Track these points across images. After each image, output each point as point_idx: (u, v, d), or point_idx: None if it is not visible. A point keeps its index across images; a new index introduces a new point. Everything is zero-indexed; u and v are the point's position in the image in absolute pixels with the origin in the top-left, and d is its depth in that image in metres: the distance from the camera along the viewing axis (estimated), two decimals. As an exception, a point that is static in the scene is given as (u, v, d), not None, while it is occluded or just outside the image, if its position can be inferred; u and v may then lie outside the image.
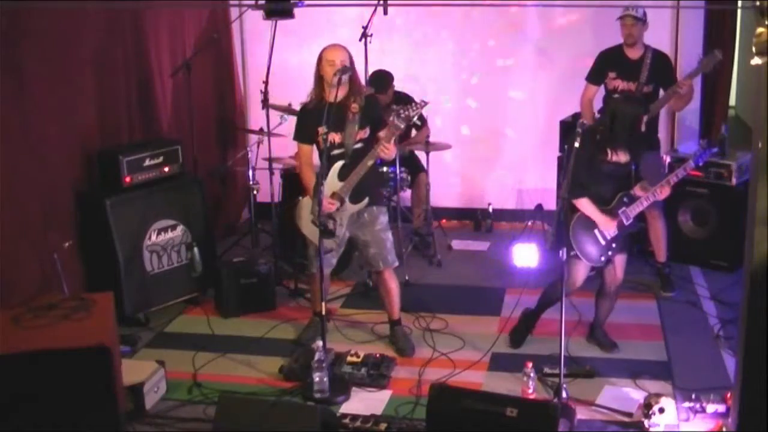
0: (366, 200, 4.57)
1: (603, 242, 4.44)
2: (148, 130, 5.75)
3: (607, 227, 4.41)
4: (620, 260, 4.55)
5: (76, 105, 4.98)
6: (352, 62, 4.52)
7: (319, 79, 4.51)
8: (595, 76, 5.53)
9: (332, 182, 4.50)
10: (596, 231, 4.44)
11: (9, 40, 4.38)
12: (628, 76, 5.36)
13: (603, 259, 4.46)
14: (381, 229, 4.65)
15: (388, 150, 4.39)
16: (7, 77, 4.37)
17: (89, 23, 5.07)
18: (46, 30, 4.66)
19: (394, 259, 4.72)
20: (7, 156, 4.33)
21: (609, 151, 4.37)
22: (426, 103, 4.45)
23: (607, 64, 5.47)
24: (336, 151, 4.51)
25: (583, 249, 4.41)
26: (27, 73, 4.54)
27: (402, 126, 4.37)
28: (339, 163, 4.51)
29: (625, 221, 4.43)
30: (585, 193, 4.36)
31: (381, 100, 5.95)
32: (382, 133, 4.43)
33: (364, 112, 4.52)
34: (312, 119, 4.52)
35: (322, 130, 4.45)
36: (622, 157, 4.41)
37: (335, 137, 4.50)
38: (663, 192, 4.45)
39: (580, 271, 4.48)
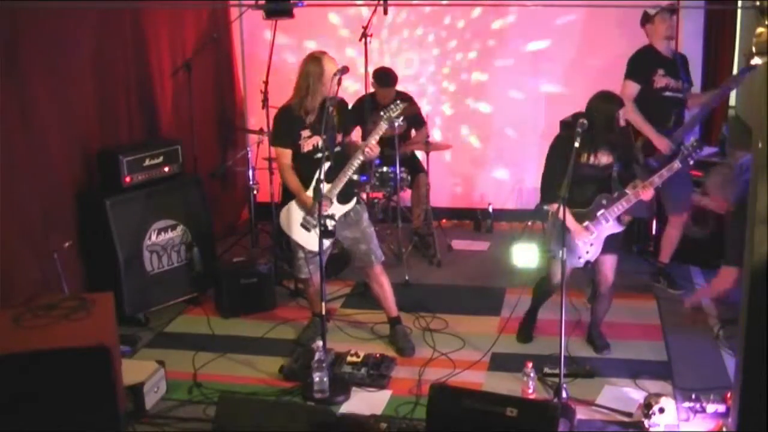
0: (354, 200, 4.62)
1: (580, 244, 4.41)
2: (148, 130, 5.76)
3: (580, 236, 4.37)
4: (609, 261, 4.51)
5: (76, 105, 4.98)
6: None
7: (312, 84, 4.45)
8: (640, 73, 5.13)
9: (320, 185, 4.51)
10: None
11: (9, 41, 4.38)
12: (673, 73, 5.16)
13: (581, 260, 4.43)
14: (367, 225, 4.71)
15: (373, 150, 4.45)
16: (7, 77, 4.37)
17: (89, 23, 5.08)
18: (46, 30, 4.66)
19: (382, 254, 4.77)
20: (7, 156, 4.33)
21: (589, 154, 4.33)
22: (406, 103, 4.55)
23: (653, 62, 5.15)
24: (319, 155, 4.49)
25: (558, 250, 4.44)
26: (27, 73, 4.54)
27: (386, 126, 4.45)
28: (325, 166, 4.49)
29: (604, 222, 4.38)
30: (558, 198, 4.14)
31: (383, 97, 5.99)
32: (371, 132, 4.48)
33: (340, 115, 4.57)
34: (295, 122, 4.53)
35: (306, 133, 4.49)
36: (603, 159, 4.38)
37: (320, 140, 4.50)
38: (646, 193, 4.32)
39: (555, 270, 4.48)
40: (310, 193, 4.53)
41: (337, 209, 4.56)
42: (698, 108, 5.30)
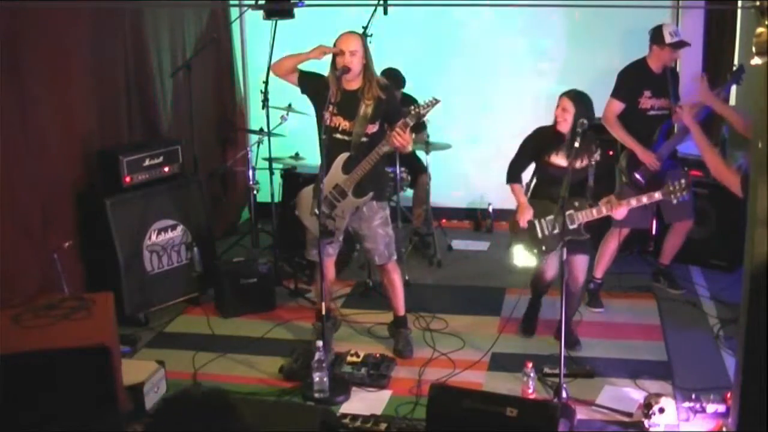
0: (370, 195, 4.53)
1: (540, 236, 4.52)
2: (148, 130, 5.75)
3: (524, 214, 4.53)
4: (580, 261, 4.55)
5: (76, 105, 4.98)
6: (366, 50, 4.45)
7: (332, 66, 4.46)
8: (627, 93, 5.16)
9: (336, 174, 4.47)
10: (537, 225, 4.54)
11: (9, 40, 4.38)
12: (660, 93, 5.16)
13: (544, 248, 4.52)
14: (379, 224, 4.61)
15: (403, 138, 4.30)
16: (7, 77, 4.37)
17: (89, 23, 5.07)
18: (46, 30, 4.66)
19: (391, 253, 4.67)
20: (7, 156, 4.33)
21: (550, 155, 4.54)
22: (437, 101, 4.40)
23: (641, 82, 5.16)
24: (339, 136, 4.45)
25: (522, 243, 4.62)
26: (27, 73, 4.54)
27: (411, 123, 4.35)
28: (344, 155, 4.46)
29: (569, 222, 4.37)
30: (519, 180, 4.68)
31: None
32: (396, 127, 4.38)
33: (377, 105, 4.44)
34: (322, 86, 4.43)
35: (331, 108, 4.36)
36: (562, 161, 4.49)
37: (344, 123, 4.45)
38: (618, 212, 4.36)
39: (547, 267, 4.61)
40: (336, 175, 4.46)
41: (351, 202, 4.49)
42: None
